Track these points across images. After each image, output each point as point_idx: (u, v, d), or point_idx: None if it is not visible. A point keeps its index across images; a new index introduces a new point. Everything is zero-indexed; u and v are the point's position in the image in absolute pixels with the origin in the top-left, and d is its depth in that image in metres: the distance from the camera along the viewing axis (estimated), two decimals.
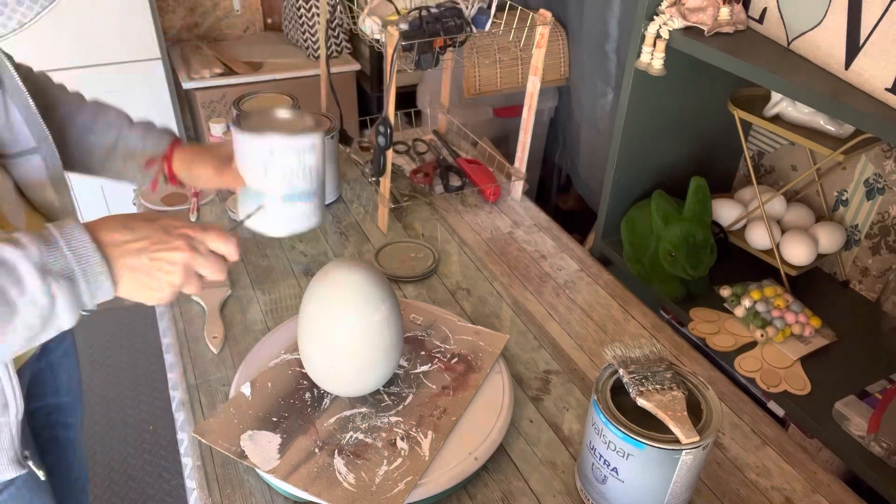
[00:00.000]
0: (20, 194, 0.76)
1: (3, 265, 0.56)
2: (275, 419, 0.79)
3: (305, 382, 0.85)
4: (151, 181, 0.90)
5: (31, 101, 0.75)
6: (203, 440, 0.77)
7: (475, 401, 0.83)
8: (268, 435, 0.77)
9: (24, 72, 0.91)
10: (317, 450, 0.76)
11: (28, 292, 0.57)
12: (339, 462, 0.75)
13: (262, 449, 0.76)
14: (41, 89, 0.88)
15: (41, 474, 0.78)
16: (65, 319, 0.60)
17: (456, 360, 0.89)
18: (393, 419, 0.80)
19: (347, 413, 0.81)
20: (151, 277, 0.64)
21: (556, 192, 2.37)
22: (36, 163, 0.76)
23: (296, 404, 0.82)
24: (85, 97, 0.91)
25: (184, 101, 2.46)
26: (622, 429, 0.65)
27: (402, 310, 0.89)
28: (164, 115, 2.29)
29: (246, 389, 0.83)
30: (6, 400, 0.71)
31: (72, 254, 0.59)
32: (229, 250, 0.68)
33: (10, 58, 0.88)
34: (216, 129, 1.24)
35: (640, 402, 0.67)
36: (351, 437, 0.78)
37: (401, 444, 0.77)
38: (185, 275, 0.65)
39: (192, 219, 1.20)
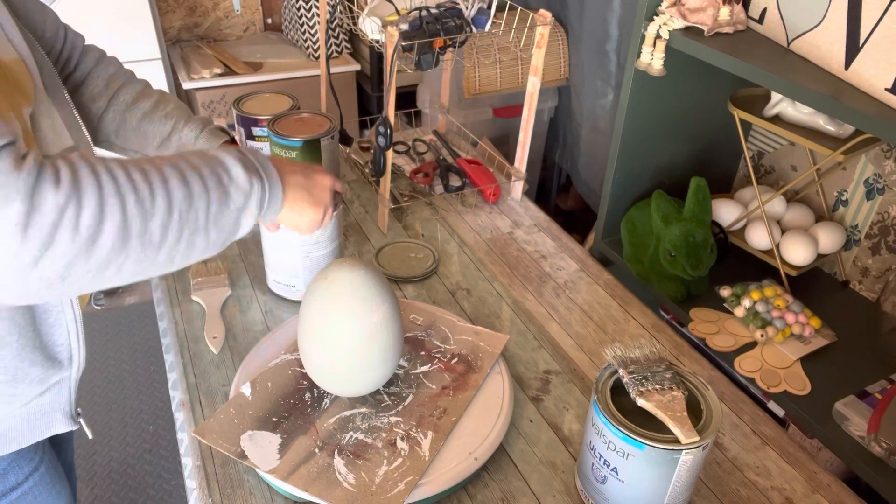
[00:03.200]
0: None
1: (212, 160, 0.65)
2: (275, 419, 0.79)
3: (305, 382, 0.85)
4: None
5: (68, 95, 0.79)
6: (203, 440, 0.77)
7: (475, 401, 0.83)
8: (268, 435, 0.77)
9: (96, 55, 0.95)
10: (317, 450, 0.76)
11: (235, 180, 0.65)
12: (339, 462, 0.75)
13: (262, 449, 0.76)
14: (103, 76, 0.93)
15: (90, 432, 0.84)
16: (251, 215, 0.67)
17: (456, 360, 0.89)
18: (393, 419, 0.80)
19: (347, 413, 0.81)
20: (310, 194, 0.76)
21: (556, 192, 2.36)
22: None
23: (296, 404, 0.82)
24: (151, 85, 0.97)
25: (184, 101, 2.45)
26: (622, 429, 0.65)
27: (402, 310, 0.89)
28: None
29: (246, 389, 0.83)
30: (71, 353, 0.75)
31: (255, 159, 0.69)
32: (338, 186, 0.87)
33: (81, 37, 0.95)
34: None
35: (640, 402, 0.67)
36: (351, 437, 0.78)
37: (401, 444, 0.77)
38: (330, 200, 0.79)
39: None
